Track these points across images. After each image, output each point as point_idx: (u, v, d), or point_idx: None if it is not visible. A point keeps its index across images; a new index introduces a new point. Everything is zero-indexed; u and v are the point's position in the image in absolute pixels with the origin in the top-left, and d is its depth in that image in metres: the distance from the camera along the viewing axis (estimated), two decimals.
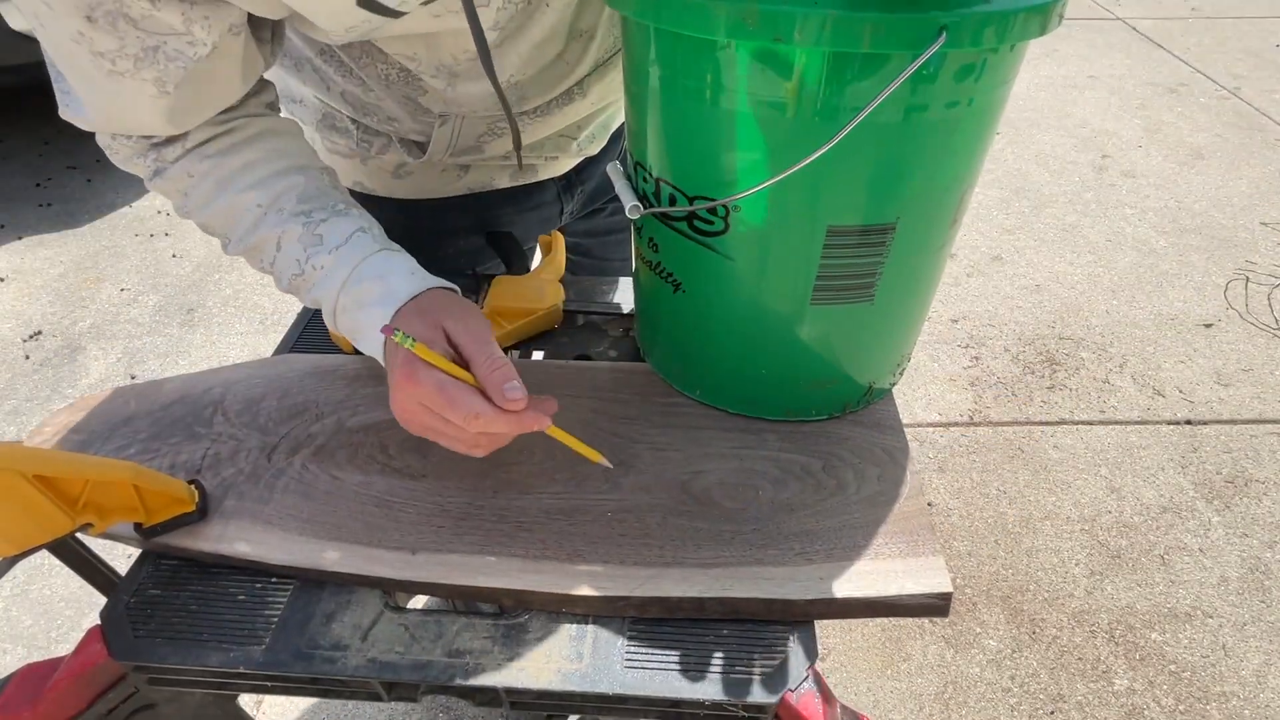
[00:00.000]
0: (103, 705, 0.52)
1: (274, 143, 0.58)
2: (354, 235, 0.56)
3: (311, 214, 0.56)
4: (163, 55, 0.47)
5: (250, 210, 0.56)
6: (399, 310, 0.52)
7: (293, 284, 0.57)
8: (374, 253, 0.56)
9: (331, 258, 0.55)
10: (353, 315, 0.55)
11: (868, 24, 0.39)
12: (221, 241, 0.59)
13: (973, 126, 0.48)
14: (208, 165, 0.55)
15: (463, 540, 0.55)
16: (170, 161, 0.56)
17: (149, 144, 0.55)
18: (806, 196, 0.48)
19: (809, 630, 0.50)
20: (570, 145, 0.80)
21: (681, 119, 0.50)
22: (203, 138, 0.55)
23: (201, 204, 0.57)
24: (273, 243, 0.56)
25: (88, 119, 0.53)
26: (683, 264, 0.57)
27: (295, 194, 0.57)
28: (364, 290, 0.54)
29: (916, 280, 0.56)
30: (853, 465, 0.60)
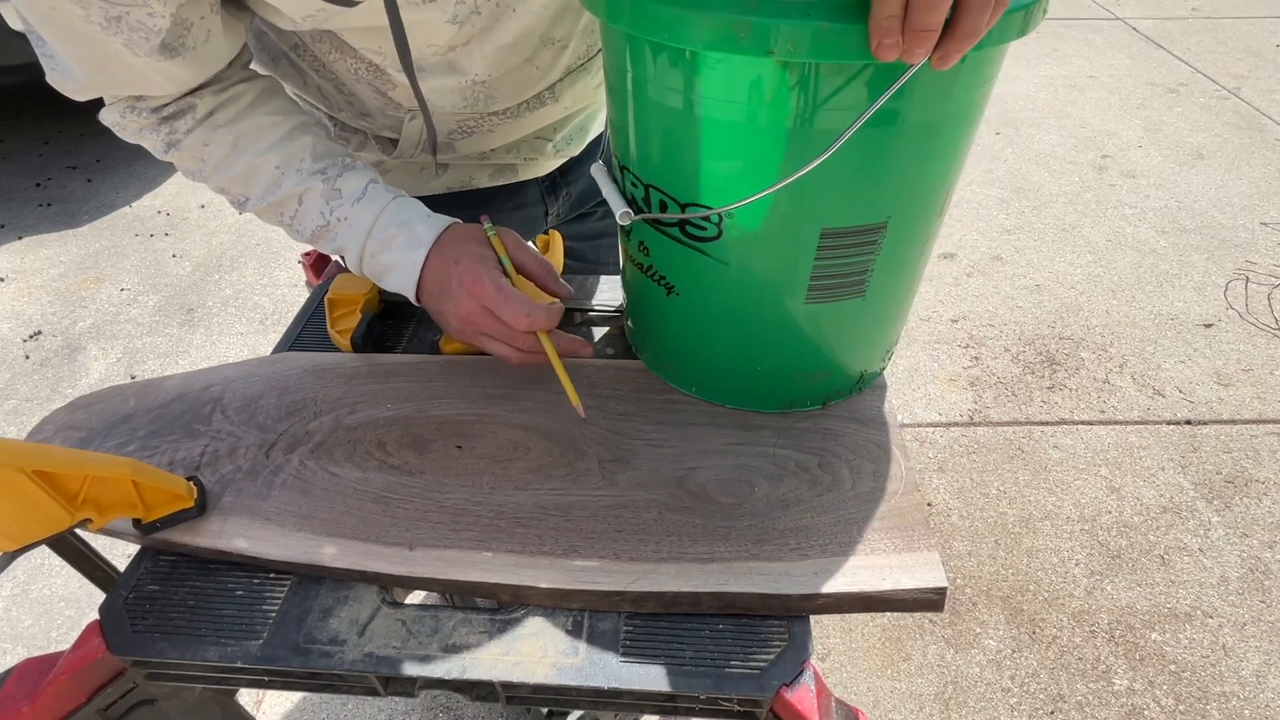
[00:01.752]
0: (101, 700, 0.52)
1: (274, 103, 0.63)
2: (369, 187, 0.63)
3: (327, 170, 0.62)
4: (125, 25, 0.49)
5: (268, 172, 0.62)
6: (431, 249, 0.62)
7: (316, 234, 0.64)
8: (390, 201, 0.63)
9: (353, 209, 0.62)
10: (380, 259, 0.63)
11: (859, 34, 0.38)
12: (236, 200, 0.64)
13: (956, 127, 0.48)
14: (221, 134, 0.60)
15: (460, 536, 0.55)
16: (184, 134, 0.60)
17: (158, 118, 0.59)
18: (799, 201, 0.48)
19: (804, 625, 0.50)
20: (546, 146, 0.80)
21: (669, 128, 0.49)
22: (209, 108, 0.59)
23: (217, 169, 0.62)
24: (294, 199, 0.62)
25: (78, 80, 0.54)
26: (675, 268, 0.57)
27: (308, 153, 0.62)
28: (390, 236, 0.62)
29: (906, 273, 0.57)
30: (848, 461, 0.60)
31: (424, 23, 0.57)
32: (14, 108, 3.26)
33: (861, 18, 0.38)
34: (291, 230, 0.65)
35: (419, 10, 0.55)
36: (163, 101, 0.58)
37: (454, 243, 0.62)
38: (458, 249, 0.61)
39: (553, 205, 0.89)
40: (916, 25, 0.36)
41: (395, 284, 0.64)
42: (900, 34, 0.37)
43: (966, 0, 0.36)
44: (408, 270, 0.62)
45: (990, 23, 0.37)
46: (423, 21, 0.57)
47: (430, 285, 0.62)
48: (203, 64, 0.56)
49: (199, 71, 0.57)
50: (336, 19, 0.55)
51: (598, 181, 0.61)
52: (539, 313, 0.59)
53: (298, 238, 0.65)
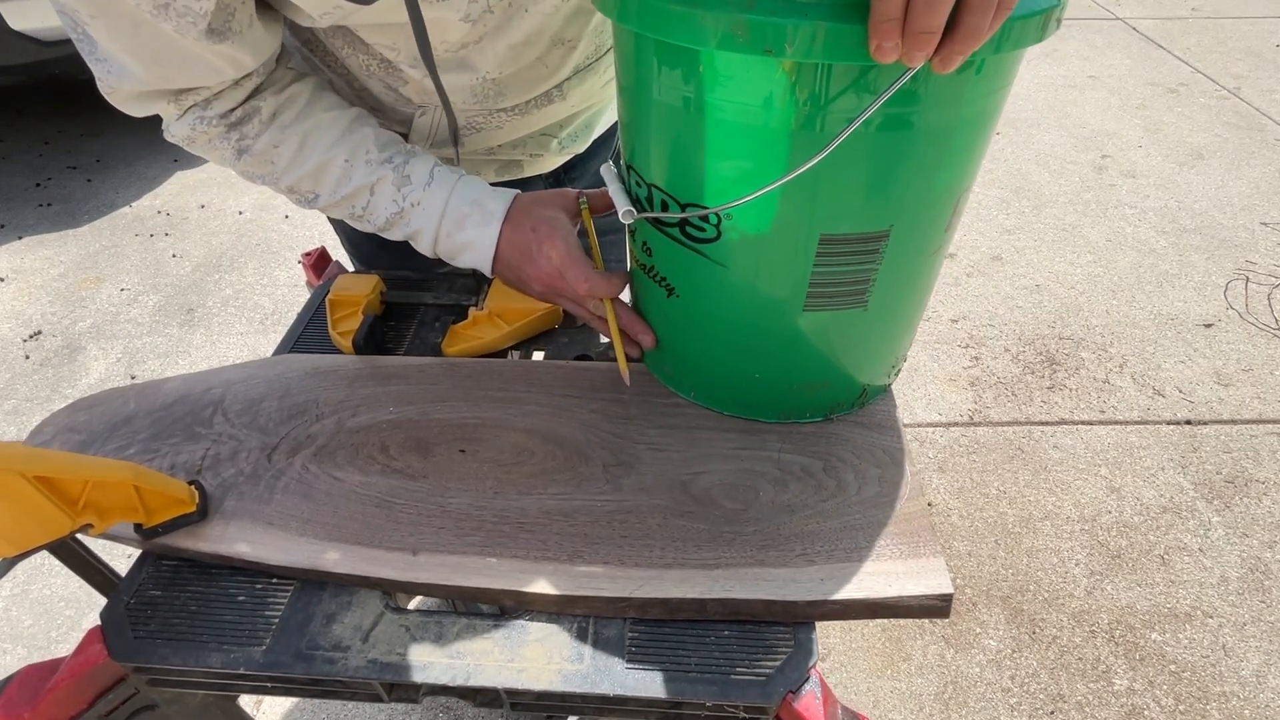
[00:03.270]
0: (103, 706, 0.52)
1: (328, 99, 0.65)
2: (435, 170, 0.65)
3: (393, 159, 0.65)
4: (173, 11, 0.49)
5: (338, 166, 0.64)
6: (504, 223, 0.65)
7: (389, 221, 0.66)
8: (457, 182, 0.66)
9: (426, 193, 0.65)
10: (456, 238, 0.65)
11: (859, 35, 0.38)
12: (306, 197, 0.66)
13: (968, 132, 0.47)
14: (289, 134, 0.62)
15: (464, 541, 0.55)
16: (254, 138, 0.62)
17: (226, 125, 0.60)
18: (799, 205, 0.48)
19: (810, 631, 0.50)
20: (551, 143, 0.80)
21: (672, 126, 0.49)
22: (273, 109, 0.61)
23: (289, 169, 0.63)
24: (366, 190, 0.65)
25: (136, 77, 0.54)
26: (676, 269, 0.57)
27: (373, 143, 0.64)
28: (464, 215, 0.65)
29: (911, 284, 0.56)
30: (853, 466, 0.60)
31: (438, 20, 0.57)
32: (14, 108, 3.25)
33: (861, 19, 0.37)
34: (362, 221, 0.67)
35: (433, 8, 0.56)
36: (229, 106, 0.59)
37: (525, 213, 0.64)
38: (532, 216, 0.64)
39: None
40: (916, 28, 0.36)
41: (471, 260, 0.66)
42: (900, 36, 0.36)
43: (968, 2, 0.36)
44: (484, 245, 0.65)
45: (994, 26, 0.36)
46: (437, 19, 0.57)
47: (507, 256, 0.65)
48: (253, 48, 0.56)
49: (251, 55, 0.56)
50: (354, 15, 0.56)
51: (606, 180, 0.61)
52: (598, 280, 0.62)
53: (367, 227, 0.67)
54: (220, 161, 0.63)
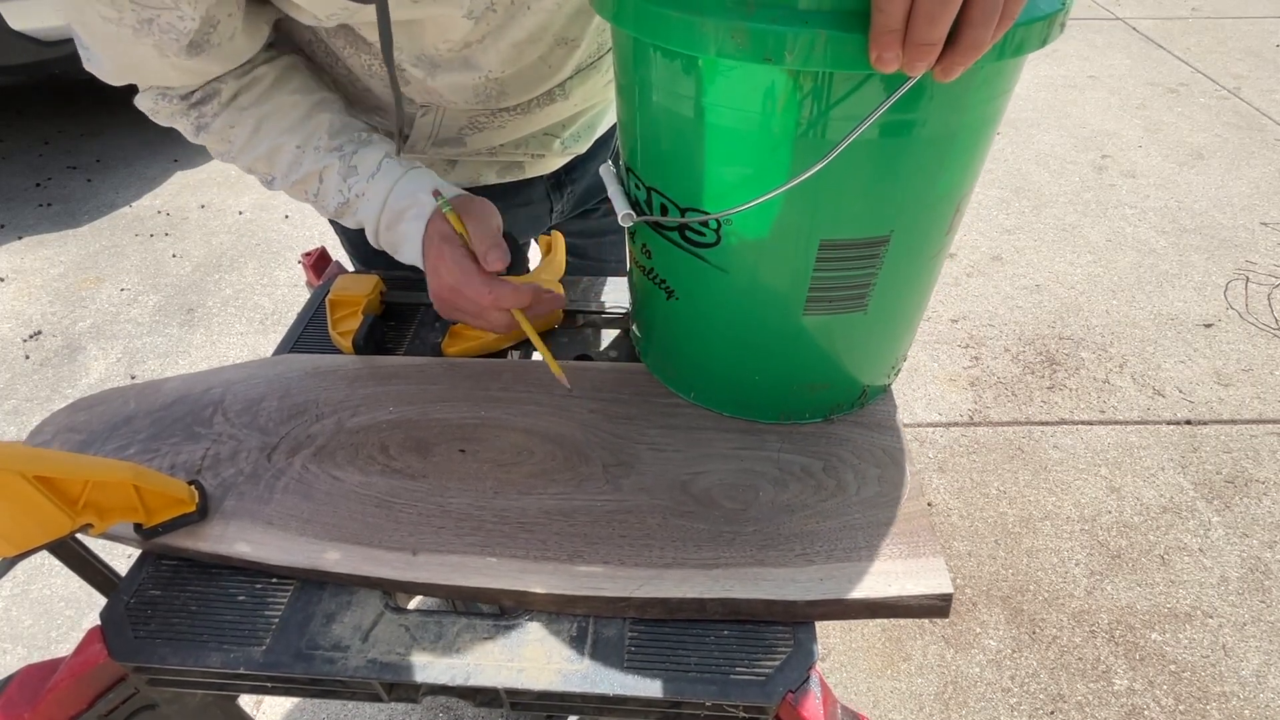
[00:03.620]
0: (103, 705, 0.52)
1: (293, 83, 0.65)
2: (383, 162, 0.65)
3: (343, 148, 0.65)
4: (157, 28, 0.51)
5: (289, 152, 0.64)
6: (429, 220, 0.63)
7: (339, 210, 0.66)
8: (403, 175, 0.65)
9: (369, 184, 0.64)
10: (393, 230, 0.65)
11: (859, 44, 0.37)
12: (265, 178, 0.67)
13: (970, 137, 0.47)
14: (244, 116, 0.63)
15: (463, 541, 0.55)
16: (211, 117, 0.62)
17: (187, 104, 0.62)
18: (799, 211, 0.48)
19: (809, 631, 0.50)
20: (554, 143, 0.80)
21: (671, 132, 0.49)
22: (233, 92, 0.62)
23: (244, 149, 0.64)
24: (315, 177, 0.65)
25: (106, 71, 0.58)
26: (675, 272, 0.57)
27: (325, 130, 0.65)
28: (402, 208, 0.64)
29: (911, 287, 0.56)
30: (853, 466, 0.60)
31: (441, 17, 0.57)
32: (14, 108, 3.25)
33: (862, 28, 0.37)
34: (318, 207, 0.68)
35: (435, 5, 0.55)
36: (190, 89, 0.61)
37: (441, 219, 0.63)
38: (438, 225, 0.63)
39: (557, 202, 0.89)
40: (917, 39, 0.35)
41: (407, 257, 0.66)
42: (900, 48, 0.36)
43: (970, 14, 0.35)
44: (415, 240, 0.64)
45: (996, 36, 0.36)
46: (440, 16, 0.57)
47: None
48: (225, 59, 0.58)
49: (221, 66, 0.59)
50: (359, 14, 0.56)
51: (605, 182, 0.61)
52: (504, 292, 0.61)
53: (325, 214, 0.68)
54: (185, 134, 0.65)
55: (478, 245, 0.62)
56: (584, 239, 0.97)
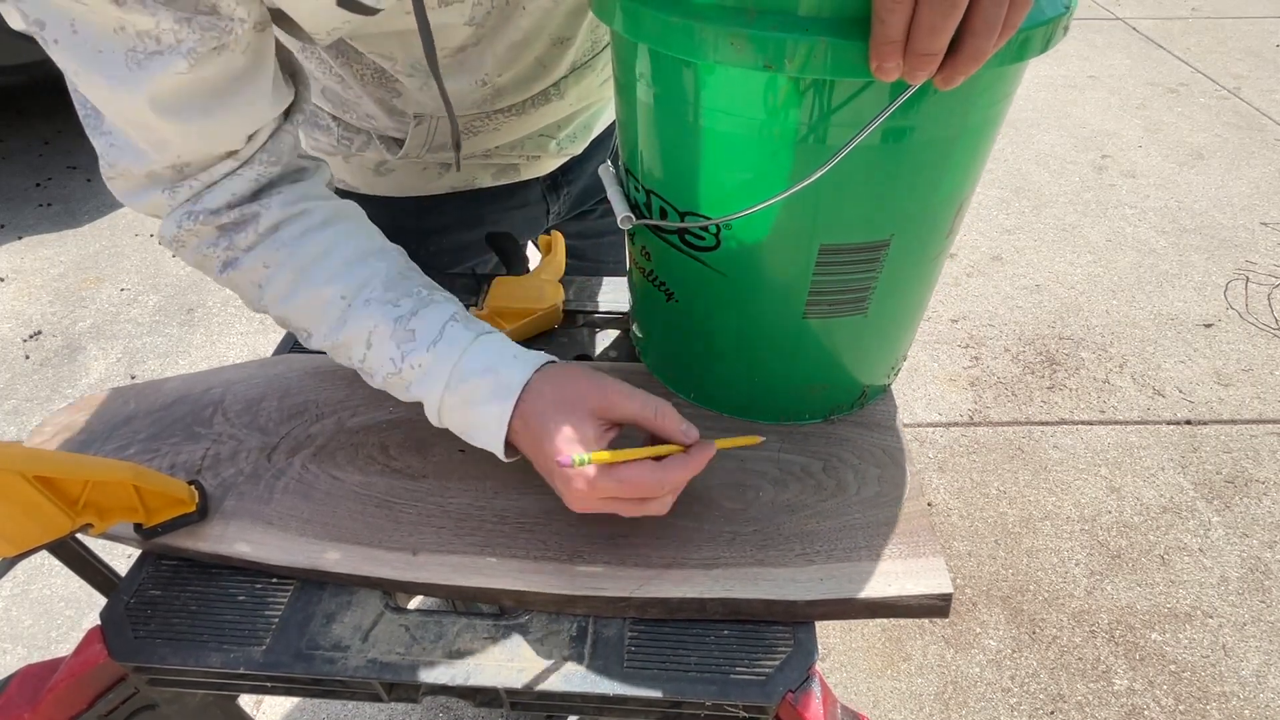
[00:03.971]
0: (103, 705, 0.52)
1: (346, 225, 0.55)
2: (447, 326, 0.53)
3: (399, 303, 0.53)
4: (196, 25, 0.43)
5: (334, 303, 0.53)
6: (518, 402, 0.50)
7: (388, 382, 0.54)
8: (471, 343, 0.52)
9: (429, 355, 0.52)
10: (462, 413, 0.52)
11: (860, 51, 0.37)
12: (301, 337, 0.56)
13: (971, 142, 0.47)
14: (284, 254, 0.53)
15: (463, 541, 0.55)
16: (243, 250, 0.53)
17: (217, 227, 0.52)
18: (799, 216, 0.48)
19: (809, 631, 0.50)
20: (549, 145, 0.80)
21: (671, 136, 0.49)
22: (274, 221, 0.52)
23: (280, 297, 0.54)
24: (362, 340, 0.53)
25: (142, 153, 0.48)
26: (674, 275, 0.57)
27: (379, 281, 0.54)
28: (472, 387, 0.51)
29: (911, 290, 0.56)
30: (853, 466, 0.60)
31: (443, 26, 0.57)
32: (14, 108, 3.25)
33: (862, 35, 0.37)
34: (363, 374, 0.55)
35: (437, 13, 0.55)
36: (225, 200, 0.51)
37: (542, 416, 0.49)
38: (547, 428, 0.49)
39: (554, 204, 0.89)
40: (918, 49, 0.35)
41: (483, 442, 0.53)
42: (901, 58, 0.36)
43: (972, 24, 0.35)
44: (493, 427, 0.51)
45: (997, 45, 0.36)
46: (442, 25, 0.57)
47: (524, 447, 0.52)
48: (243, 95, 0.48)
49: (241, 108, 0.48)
50: (362, 27, 0.54)
51: (605, 183, 0.61)
52: (676, 469, 0.49)
53: (370, 382, 0.56)
54: (208, 274, 0.55)
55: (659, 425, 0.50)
56: (582, 240, 0.97)
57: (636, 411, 0.50)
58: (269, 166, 0.52)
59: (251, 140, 0.51)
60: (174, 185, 0.50)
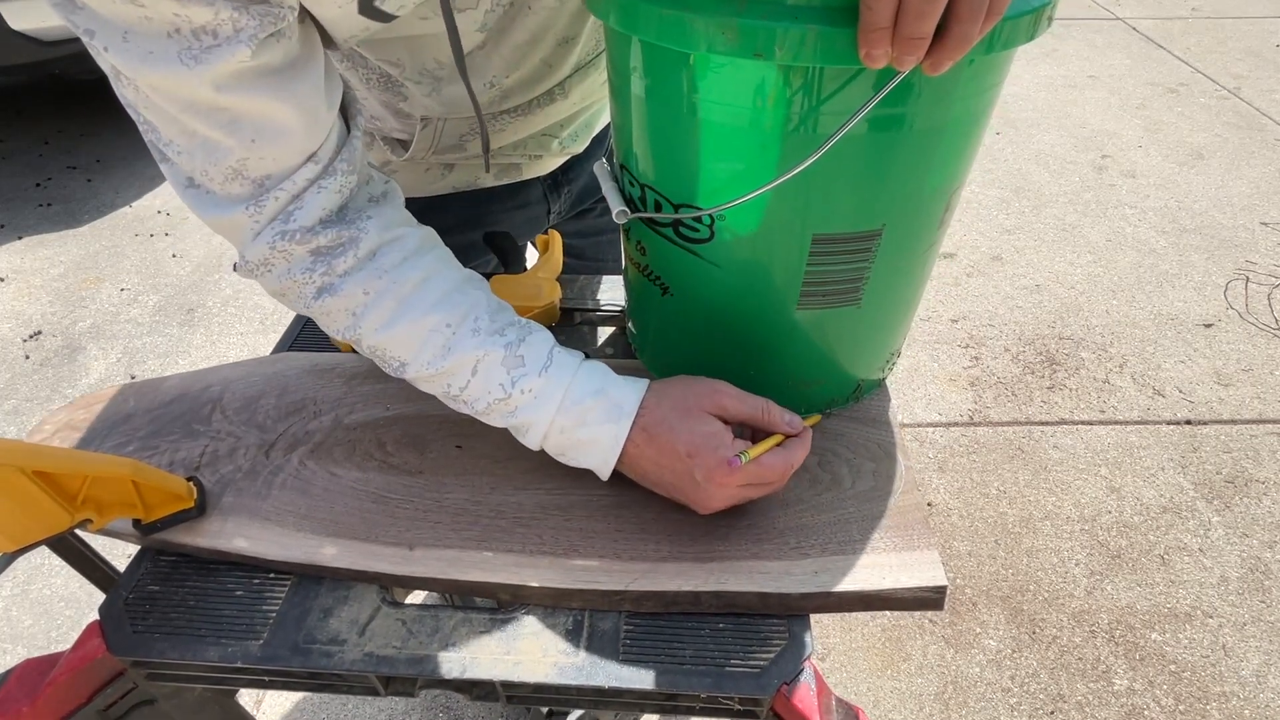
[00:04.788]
0: (101, 700, 0.52)
1: (440, 253, 0.56)
2: (553, 352, 0.55)
3: (505, 332, 0.54)
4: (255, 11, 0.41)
5: (439, 331, 0.52)
6: (636, 418, 0.53)
7: (490, 408, 0.54)
8: (579, 368, 0.55)
9: (541, 380, 0.53)
10: (572, 434, 0.54)
11: (849, 39, 0.38)
12: (391, 366, 0.55)
13: (959, 131, 0.47)
14: (385, 282, 0.52)
15: (460, 536, 0.55)
16: (340, 275, 0.51)
17: (311, 250, 0.50)
18: (791, 206, 0.48)
19: (804, 624, 0.50)
20: (552, 144, 0.80)
21: (664, 128, 0.49)
22: (372, 247, 0.52)
23: (378, 325, 0.53)
24: (468, 368, 0.53)
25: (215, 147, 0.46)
26: (669, 268, 0.57)
27: (484, 310, 0.54)
28: (586, 409, 0.53)
29: (904, 281, 0.56)
30: (848, 460, 0.60)
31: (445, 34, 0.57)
32: (14, 108, 3.25)
33: (851, 23, 0.37)
34: (456, 402, 0.55)
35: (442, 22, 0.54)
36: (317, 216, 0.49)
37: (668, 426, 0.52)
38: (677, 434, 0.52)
39: (554, 203, 0.89)
40: (905, 34, 0.36)
41: (588, 461, 0.55)
42: (889, 44, 0.37)
43: (957, 9, 0.35)
44: (607, 443, 0.53)
45: (983, 30, 0.37)
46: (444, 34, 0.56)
47: (642, 467, 0.54)
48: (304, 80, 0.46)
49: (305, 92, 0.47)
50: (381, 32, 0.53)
51: (599, 179, 0.61)
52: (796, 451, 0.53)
53: (460, 409, 0.56)
54: (296, 302, 0.53)
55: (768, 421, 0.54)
56: (581, 239, 0.97)
57: (748, 412, 0.54)
58: (348, 176, 0.51)
59: (326, 142, 0.49)
60: (257, 199, 0.48)
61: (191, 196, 0.48)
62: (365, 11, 0.48)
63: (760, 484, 0.52)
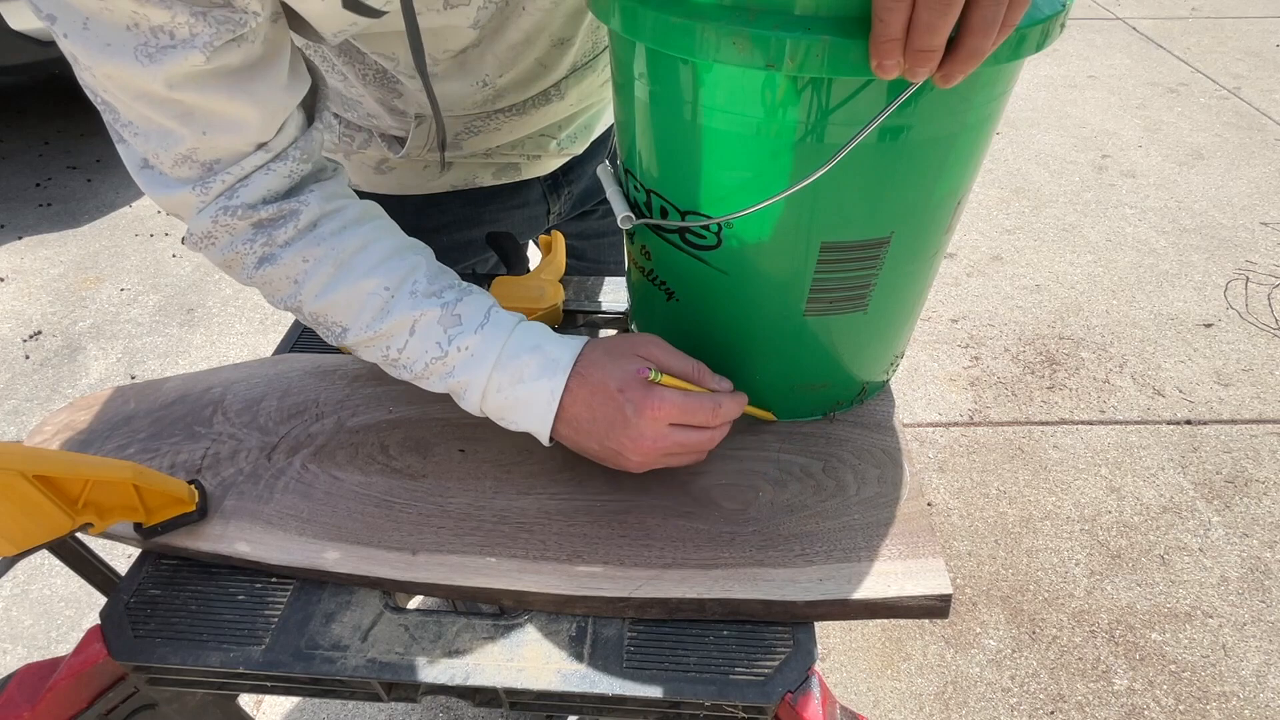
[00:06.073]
0: (102, 705, 0.52)
1: (380, 222, 0.57)
2: (491, 312, 0.55)
3: (443, 294, 0.55)
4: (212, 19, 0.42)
5: (376, 295, 0.53)
6: (571, 374, 0.53)
7: (428, 369, 0.55)
8: (516, 325, 0.55)
9: (477, 337, 0.54)
10: (510, 392, 0.54)
11: (860, 50, 0.37)
12: (333, 330, 0.56)
13: (969, 139, 0.47)
14: (323, 249, 0.53)
15: (463, 541, 0.55)
16: (280, 245, 0.52)
17: (253, 223, 0.51)
18: (800, 214, 0.48)
19: (809, 631, 0.50)
20: (550, 144, 0.80)
21: (670, 135, 0.49)
22: (313, 217, 0.53)
23: (318, 291, 0.54)
24: (406, 328, 0.54)
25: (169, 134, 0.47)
26: (675, 274, 0.57)
27: (422, 274, 0.55)
28: (523, 365, 0.53)
29: (911, 286, 0.56)
30: (852, 466, 0.60)
31: (447, 28, 0.57)
32: (14, 108, 3.25)
33: (862, 33, 0.37)
34: (396, 366, 0.56)
35: (441, 15, 0.55)
36: (260, 195, 0.51)
37: (600, 366, 0.53)
38: (609, 372, 0.53)
39: (555, 204, 0.89)
40: (917, 46, 0.36)
41: (525, 421, 0.55)
42: (901, 55, 0.36)
43: (970, 22, 0.35)
44: (543, 400, 0.53)
45: (997, 43, 0.36)
46: (445, 27, 0.56)
47: (578, 415, 0.54)
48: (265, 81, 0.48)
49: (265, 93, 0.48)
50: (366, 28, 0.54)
51: (603, 182, 0.61)
52: (727, 401, 0.54)
53: (400, 374, 0.57)
54: (238, 274, 0.54)
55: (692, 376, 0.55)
56: (583, 240, 0.97)
57: (680, 366, 0.55)
58: (301, 164, 0.52)
59: (282, 133, 0.50)
60: (204, 180, 0.49)
61: (145, 176, 0.50)
62: (350, 6, 0.48)
63: (689, 425, 0.53)
